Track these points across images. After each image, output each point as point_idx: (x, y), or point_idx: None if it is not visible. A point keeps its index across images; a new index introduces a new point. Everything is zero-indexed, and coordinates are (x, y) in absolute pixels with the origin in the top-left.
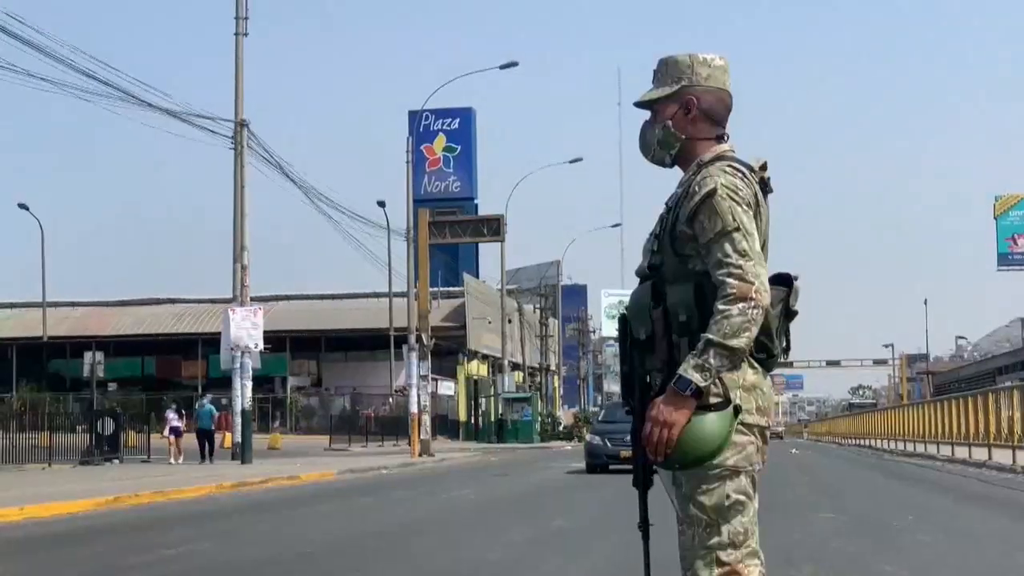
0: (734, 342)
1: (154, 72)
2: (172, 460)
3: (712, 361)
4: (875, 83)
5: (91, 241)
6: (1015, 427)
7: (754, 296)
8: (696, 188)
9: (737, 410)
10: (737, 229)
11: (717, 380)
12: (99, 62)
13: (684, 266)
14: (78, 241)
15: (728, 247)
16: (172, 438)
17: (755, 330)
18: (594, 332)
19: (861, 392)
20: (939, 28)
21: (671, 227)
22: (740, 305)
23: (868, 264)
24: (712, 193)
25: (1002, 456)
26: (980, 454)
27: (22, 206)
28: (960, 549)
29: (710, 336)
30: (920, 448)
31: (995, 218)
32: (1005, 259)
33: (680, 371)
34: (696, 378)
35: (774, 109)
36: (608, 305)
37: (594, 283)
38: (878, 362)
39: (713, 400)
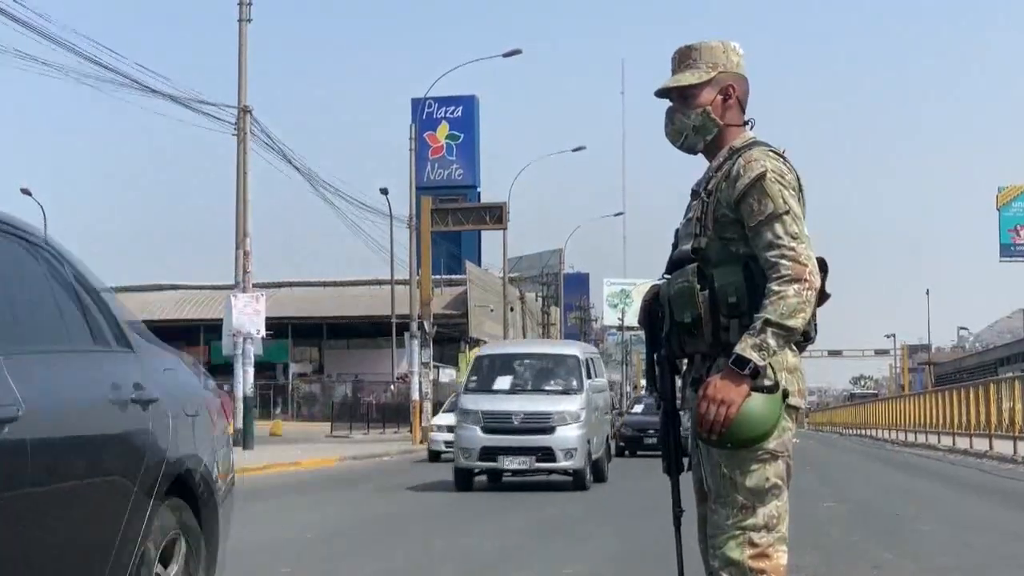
0: (791, 322)
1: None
2: None
3: (770, 341)
4: (877, 72)
5: (93, 227)
6: (1016, 418)
7: (808, 278)
8: (741, 172)
9: (786, 394)
10: (787, 212)
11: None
12: (102, 46)
13: (728, 249)
14: (81, 227)
15: (780, 229)
16: None
17: (809, 311)
18: (596, 320)
19: (862, 382)
20: (942, 15)
21: (713, 211)
22: (796, 286)
23: (870, 254)
24: (762, 176)
25: (1003, 446)
26: (981, 444)
27: (25, 191)
28: (961, 538)
29: (767, 316)
30: (921, 438)
31: (997, 209)
32: (1007, 250)
33: (737, 350)
34: (755, 357)
35: (774, 95)
36: (610, 293)
37: (596, 271)
38: (879, 352)
39: (766, 383)
